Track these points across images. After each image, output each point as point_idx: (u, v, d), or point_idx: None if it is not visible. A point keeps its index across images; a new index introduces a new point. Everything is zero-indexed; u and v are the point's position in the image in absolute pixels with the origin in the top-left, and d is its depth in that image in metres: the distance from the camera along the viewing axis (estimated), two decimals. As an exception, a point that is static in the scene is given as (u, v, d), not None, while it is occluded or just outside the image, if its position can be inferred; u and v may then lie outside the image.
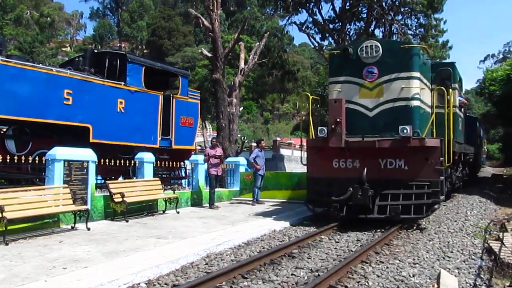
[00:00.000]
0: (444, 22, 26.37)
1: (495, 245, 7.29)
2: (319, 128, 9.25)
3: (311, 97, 10.20)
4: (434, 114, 9.21)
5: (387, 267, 6.09)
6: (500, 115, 24.21)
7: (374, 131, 9.07)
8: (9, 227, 6.99)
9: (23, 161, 8.83)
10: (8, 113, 9.33)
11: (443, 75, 11.32)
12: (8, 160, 8.65)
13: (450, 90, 9.60)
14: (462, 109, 14.15)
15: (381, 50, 9.20)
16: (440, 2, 24.30)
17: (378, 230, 8.58)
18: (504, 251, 6.85)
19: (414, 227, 9.04)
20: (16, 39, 61.17)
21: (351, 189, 8.60)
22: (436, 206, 8.60)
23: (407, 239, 8.05)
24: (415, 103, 9.02)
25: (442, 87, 9.48)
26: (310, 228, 9.00)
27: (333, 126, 8.86)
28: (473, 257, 6.81)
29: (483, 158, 32.85)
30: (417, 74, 9.15)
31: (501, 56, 67.84)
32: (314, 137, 9.75)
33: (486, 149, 40.91)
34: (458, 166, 13.47)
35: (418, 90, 9.11)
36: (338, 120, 8.82)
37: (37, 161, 8.91)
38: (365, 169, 8.75)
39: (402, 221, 8.85)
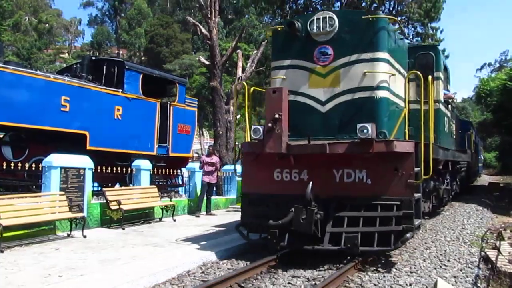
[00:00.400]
0: (441, 31, 26.59)
1: (492, 254, 7.30)
2: (254, 127, 6.95)
3: (250, 88, 7.87)
4: (407, 108, 7.10)
5: (384, 276, 6.08)
6: (496, 124, 24.32)
7: (328, 132, 6.99)
8: (4, 234, 6.97)
9: (19, 167, 8.81)
10: (5, 120, 9.33)
11: (423, 61, 9.21)
12: (4, 167, 8.63)
13: (430, 77, 7.08)
14: (449, 106, 11.43)
15: (337, 24, 7.03)
16: (437, 11, 24.49)
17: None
18: (501, 260, 6.86)
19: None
20: (14, 45, 61.14)
21: (293, 211, 6.35)
22: (408, 235, 6.29)
23: (404, 248, 8.03)
24: (382, 93, 6.84)
25: (417, 72, 7.22)
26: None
27: (270, 125, 6.58)
28: (470, 265, 6.80)
29: (479, 166, 32.55)
30: (385, 55, 6.95)
31: (497, 65, 68.36)
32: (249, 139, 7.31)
33: (482, 158, 40.80)
34: (445, 177, 11.16)
35: (387, 77, 6.91)
36: (277, 116, 6.53)
37: (33, 168, 8.89)
38: (311, 183, 6.45)
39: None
